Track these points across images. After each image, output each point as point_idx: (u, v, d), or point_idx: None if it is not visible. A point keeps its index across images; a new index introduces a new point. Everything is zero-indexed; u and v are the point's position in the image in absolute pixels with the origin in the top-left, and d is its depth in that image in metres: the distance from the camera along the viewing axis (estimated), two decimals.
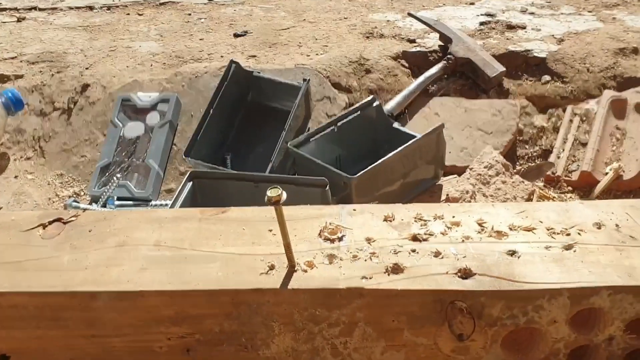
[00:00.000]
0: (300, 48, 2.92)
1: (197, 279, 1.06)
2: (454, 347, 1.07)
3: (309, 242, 1.13)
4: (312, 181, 1.80)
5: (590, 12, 3.04)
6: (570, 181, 2.16)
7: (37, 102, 2.74)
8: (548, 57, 2.65)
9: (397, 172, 1.99)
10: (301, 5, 3.47)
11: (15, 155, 2.61)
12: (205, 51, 2.96)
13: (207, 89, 2.55)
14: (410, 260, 1.08)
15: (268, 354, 1.11)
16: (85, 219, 1.23)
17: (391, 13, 3.24)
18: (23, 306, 1.08)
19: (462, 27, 2.95)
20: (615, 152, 2.21)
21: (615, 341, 1.07)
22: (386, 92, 2.59)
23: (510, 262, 1.07)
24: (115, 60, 2.92)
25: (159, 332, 1.09)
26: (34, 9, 3.67)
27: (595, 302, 1.02)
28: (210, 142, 2.27)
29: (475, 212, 1.21)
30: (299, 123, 2.25)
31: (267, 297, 1.04)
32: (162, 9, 3.57)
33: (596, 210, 1.20)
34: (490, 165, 2.01)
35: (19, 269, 1.11)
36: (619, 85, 2.51)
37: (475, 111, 2.41)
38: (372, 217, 1.20)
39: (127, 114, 2.50)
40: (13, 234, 1.20)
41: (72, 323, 1.09)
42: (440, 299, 1.03)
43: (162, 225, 1.20)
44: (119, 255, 1.13)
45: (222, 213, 1.23)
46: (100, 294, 1.05)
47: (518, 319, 1.04)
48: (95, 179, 2.34)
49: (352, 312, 1.05)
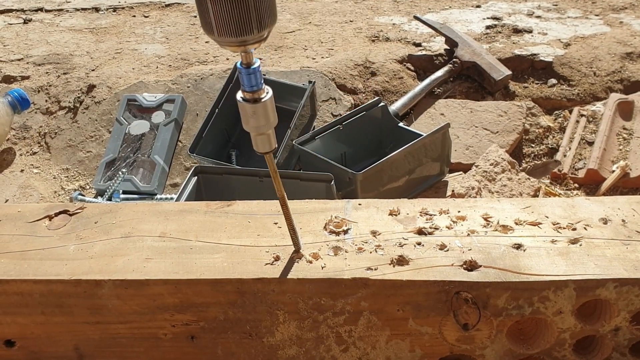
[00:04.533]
0: (306, 51, 2.93)
1: (202, 269, 1.06)
2: (459, 337, 1.07)
3: (314, 235, 1.13)
4: (318, 176, 1.81)
5: (597, 16, 3.04)
6: (576, 178, 2.16)
7: (43, 101, 2.75)
8: (554, 61, 2.65)
9: (403, 169, 2.00)
10: (307, 8, 3.48)
11: (21, 150, 2.62)
12: (211, 54, 2.97)
13: (213, 90, 2.57)
14: (416, 253, 1.08)
15: (272, 341, 1.11)
16: (91, 211, 1.24)
17: (397, 16, 3.24)
18: (28, 293, 1.09)
19: (468, 30, 2.96)
20: (622, 150, 2.20)
21: (621, 332, 1.07)
22: (391, 94, 2.59)
23: (516, 255, 1.07)
24: (121, 63, 2.93)
25: (164, 320, 1.09)
26: (40, 10, 3.69)
27: (601, 294, 1.02)
28: (215, 139, 2.28)
29: (480, 207, 1.20)
30: (304, 122, 2.26)
31: (271, 286, 1.04)
32: (168, 11, 3.59)
33: (602, 206, 1.20)
34: (496, 162, 2.01)
35: (25, 257, 1.12)
36: (625, 89, 2.51)
37: (481, 112, 2.41)
38: (377, 211, 1.20)
39: (133, 112, 2.52)
40: (19, 224, 1.21)
41: (76, 310, 1.10)
42: (446, 290, 1.03)
43: (167, 218, 1.20)
44: (125, 245, 1.14)
45: (227, 206, 1.23)
46: (105, 281, 1.06)
47: (524, 310, 1.04)
48: (101, 173, 2.36)
49: (357, 301, 1.05)
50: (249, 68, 0.90)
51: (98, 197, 2.29)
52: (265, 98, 0.93)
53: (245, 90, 0.92)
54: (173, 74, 2.77)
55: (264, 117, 0.94)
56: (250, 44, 0.86)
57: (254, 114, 0.94)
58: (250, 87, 0.92)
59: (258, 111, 0.93)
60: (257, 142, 0.98)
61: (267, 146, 0.98)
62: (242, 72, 0.91)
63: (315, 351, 1.12)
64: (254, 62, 0.90)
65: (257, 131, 0.96)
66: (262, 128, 0.95)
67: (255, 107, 0.93)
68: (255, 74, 0.91)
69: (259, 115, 0.94)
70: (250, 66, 0.90)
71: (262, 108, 0.93)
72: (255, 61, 0.90)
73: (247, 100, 0.93)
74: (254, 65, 0.90)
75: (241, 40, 0.85)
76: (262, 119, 0.94)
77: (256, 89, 0.92)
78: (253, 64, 0.90)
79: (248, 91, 0.92)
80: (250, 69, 0.90)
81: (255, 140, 0.98)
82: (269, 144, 0.98)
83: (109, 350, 1.15)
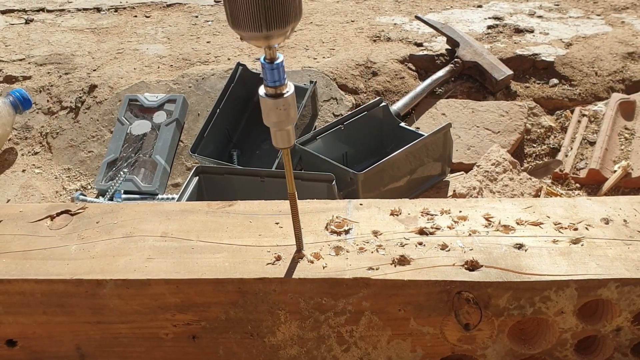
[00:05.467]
0: (307, 51, 2.93)
1: (204, 269, 1.07)
2: (460, 337, 1.07)
3: (315, 235, 1.14)
4: (319, 176, 1.81)
5: (598, 16, 3.04)
6: (578, 178, 2.15)
7: (44, 101, 2.76)
8: (556, 60, 2.64)
9: (404, 169, 2.00)
10: (308, 8, 3.48)
11: (23, 150, 2.63)
12: (212, 54, 2.97)
13: (214, 90, 2.57)
14: (417, 253, 1.08)
15: (274, 341, 1.11)
16: (93, 211, 1.24)
17: (398, 16, 3.24)
18: (30, 293, 1.09)
19: (469, 30, 2.96)
20: (624, 150, 2.20)
21: (623, 332, 1.07)
22: (393, 94, 2.59)
23: (517, 255, 1.07)
24: (123, 63, 2.94)
25: (165, 319, 1.09)
26: (41, 11, 3.69)
27: (603, 294, 1.02)
28: (216, 139, 2.28)
29: (482, 207, 1.20)
30: (305, 122, 2.26)
31: (273, 286, 1.04)
32: (170, 11, 3.59)
33: (604, 206, 1.19)
34: (498, 162, 2.01)
35: (27, 257, 1.12)
36: (627, 89, 2.51)
37: (482, 112, 2.41)
38: (378, 211, 1.20)
39: (134, 112, 2.52)
40: (21, 224, 1.21)
41: (78, 310, 1.10)
42: (447, 290, 1.03)
43: (169, 218, 1.20)
44: (126, 245, 1.14)
45: (229, 206, 1.23)
46: (106, 281, 1.06)
47: (525, 310, 1.04)
48: (102, 173, 2.36)
49: (359, 301, 1.05)
50: (272, 63, 0.90)
51: (99, 197, 2.30)
52: (288, 93, 0.93)
53: (267, 85, 0.93)
54: (174, 74, 2.77)
55: (285, 113, 0.95)
56: (274, 38, 0.87)
57: (275, 109, 0.94)
58: (273, 82, 0.92)
59: (279, 106, 0.94)
60: (276, 137, 0.99)
61: (287, 142, 0.99)
62: (265, 67, 0.91)
63: (316, 351, 1.12)
64: (277, 57, 0.90)
65: (278, 127, 0.97)
66: (283, 123, 0.96)
67: (277, 102, 0.93)
68: (278, 69, 0.91)
69: (280, 110, 0.94)
70: (273, 61, 0.90)
71: (284, 103, 0.94)
72: (278, 56, 0.90)
73: (270, 95, 0.93)
74: (277, 61, 0.90)
75: (265, 35, 0.86)
76: (283, 114, 0.95)
77: (279, 84, 0.92)
78: (276, 59, 0.90)
79: (271, 86, 0.92)
80: (273, 64, 0.91)
81: (274, 135, 0.98)
82: (288, 140, 0.98)
83: (111, 350, 1.15)
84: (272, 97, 0.93)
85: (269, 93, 0.93)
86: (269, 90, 0.93)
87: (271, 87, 0.92)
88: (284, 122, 0.95)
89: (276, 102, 0.93)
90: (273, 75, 0.91)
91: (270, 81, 0.92)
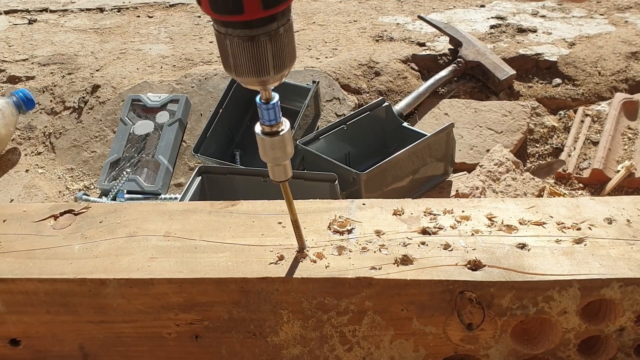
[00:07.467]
0: (310, 51, 2.93)
1: (206, 268, 1.07)
2: (463, 337, 1.07)
3: (318, 234, 1.14)
4: (321, 176, 1.81)
5: (602, 16, 3.03)
6: (581, 178, 2.15)
7: (47, 101, 2.76)
8: (559, 60, 2.64)
9: (406, 169, 2.00)
10: (311, 8, 3.48)
11: (26, 150, 2.63)
12: (215, 54, 2.97)
13: (217, 90, 2.57)
14: (420, 252, 1.08)
15: (276, 340, 1.11)
16: (96, 210, 1.25)
17: (401, 16, 3.24)
18: (34, 292, 1.09)
19: (472, 30, 2.95)
20: (627, 150, 2.20)
21: (626, 332, 1.07)
22: (395, 94, 2.59)
23: (520, 255, 1.07)
24: (126, 63, 2.94)
25: (168, 319, 1.10)
26: (45, 11, 3.70)
27: (606, 294, 1.02)
28: (219, 139, 2.28)
29: (484, 206, 1.20)
30: (308, 122, 2.26)
31: (275, 286, 1.05)
32: (172, 11, 3.59)
33: (607, 206, 1.19)
34: (501, 162, 2.01)
35: (30, 256, 1.12)
36: (630, 89, 2.51)
37: (485, 112, 2.41)
38: (381, 211, 1.20)
39: (137, 112, 2.52)
40: (24, 224, 1.21)
41: (81, 309, 1.10)
42: (450, 289, 1.03)
43: (172, 217, 1.20)
44: (129, 245, 1.14)
45: (231, 206, 1.23)
46: (110, 281, 1.06)
47: (528, 309, 1.03)
48: (105, 173, 2.36)
49: (361, 301, 1.05)
50: (268, 103, 0.91)
51: (102, 197, 2.30)
52: (284, 131, 0.94)
53: (264, 124, 0.93)
54: (177, 74, 2.78)
55: (282, 150, 0.96)
56: (270, 83, 0.88)
57: (272, 147, 0.95)
58: (269, 122, 0.93)
59: (276, 144, 0.95)
60: (273, 171, 1.00)
61: (284, 175, 1.00)
62: (261, 107, 0.92)
63: (319, 351, 1.12)
64: (272, 97, 0.91)
65: (275, 162, 0.98)
66: (280, 159, 0.97)
67: (273, 141, 0.94)
68: (274, 109, 0.92)
69: (276, 147, 0.95)
70: (269, 101, 0.91)
71: (280, 141, 0.95)
72: (274, 96, 0.91)
73: (266, 133, 0.94)
74: (272, 101, 0.91)
75: (260, 81, 0.86)
76: (279, 151, 0.96)
77: (274, 122, 0.93)
78: (272, 99, 0.91)
79: (267, 125, 0.93)
80: (269, 104, 0.91)
81: (272, 170, 1.00)
82: (284, 173, 1.00)
83: (114, 350, 1.16)
84: (268, 135, 0.94)
85: (265, 131, 0.94)
86: (265, 128, 0.94)
87: (267, 126, 0.93)
88: (280, 158, 0.97)
89: (272, 141, 0.94)
90: (269, 114, 0.92)
91: (266, 120, 0.93)
